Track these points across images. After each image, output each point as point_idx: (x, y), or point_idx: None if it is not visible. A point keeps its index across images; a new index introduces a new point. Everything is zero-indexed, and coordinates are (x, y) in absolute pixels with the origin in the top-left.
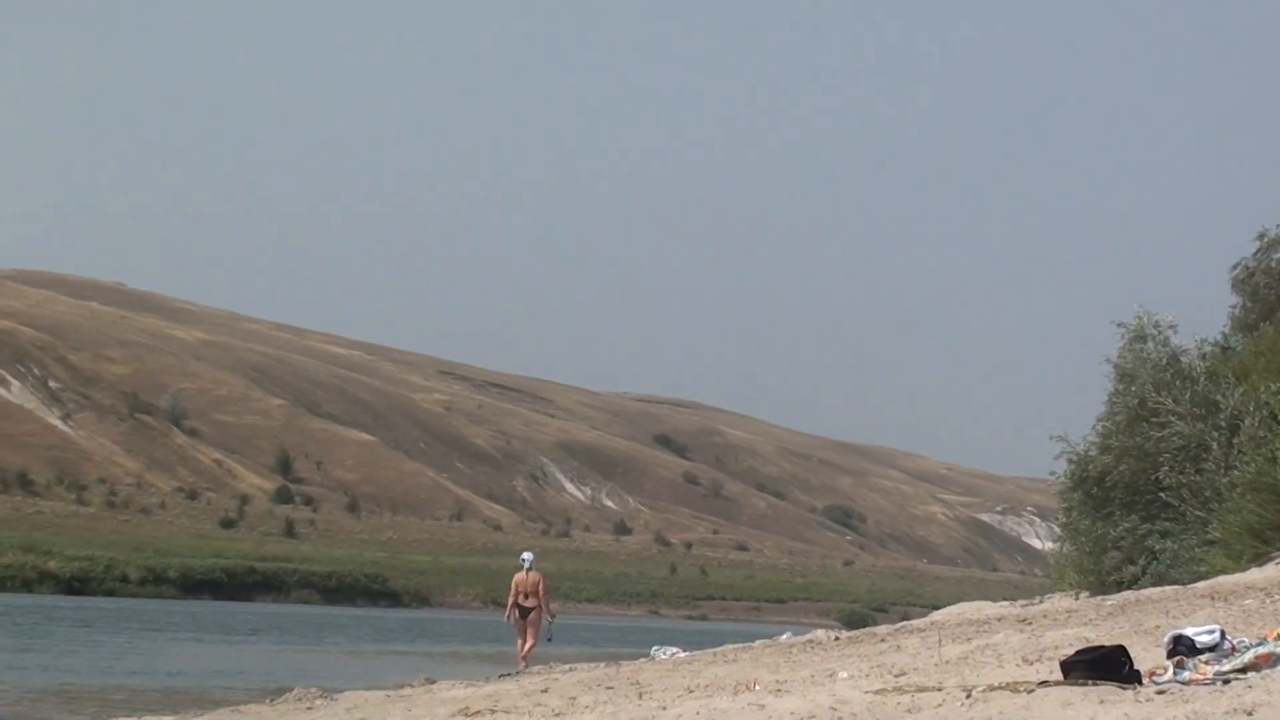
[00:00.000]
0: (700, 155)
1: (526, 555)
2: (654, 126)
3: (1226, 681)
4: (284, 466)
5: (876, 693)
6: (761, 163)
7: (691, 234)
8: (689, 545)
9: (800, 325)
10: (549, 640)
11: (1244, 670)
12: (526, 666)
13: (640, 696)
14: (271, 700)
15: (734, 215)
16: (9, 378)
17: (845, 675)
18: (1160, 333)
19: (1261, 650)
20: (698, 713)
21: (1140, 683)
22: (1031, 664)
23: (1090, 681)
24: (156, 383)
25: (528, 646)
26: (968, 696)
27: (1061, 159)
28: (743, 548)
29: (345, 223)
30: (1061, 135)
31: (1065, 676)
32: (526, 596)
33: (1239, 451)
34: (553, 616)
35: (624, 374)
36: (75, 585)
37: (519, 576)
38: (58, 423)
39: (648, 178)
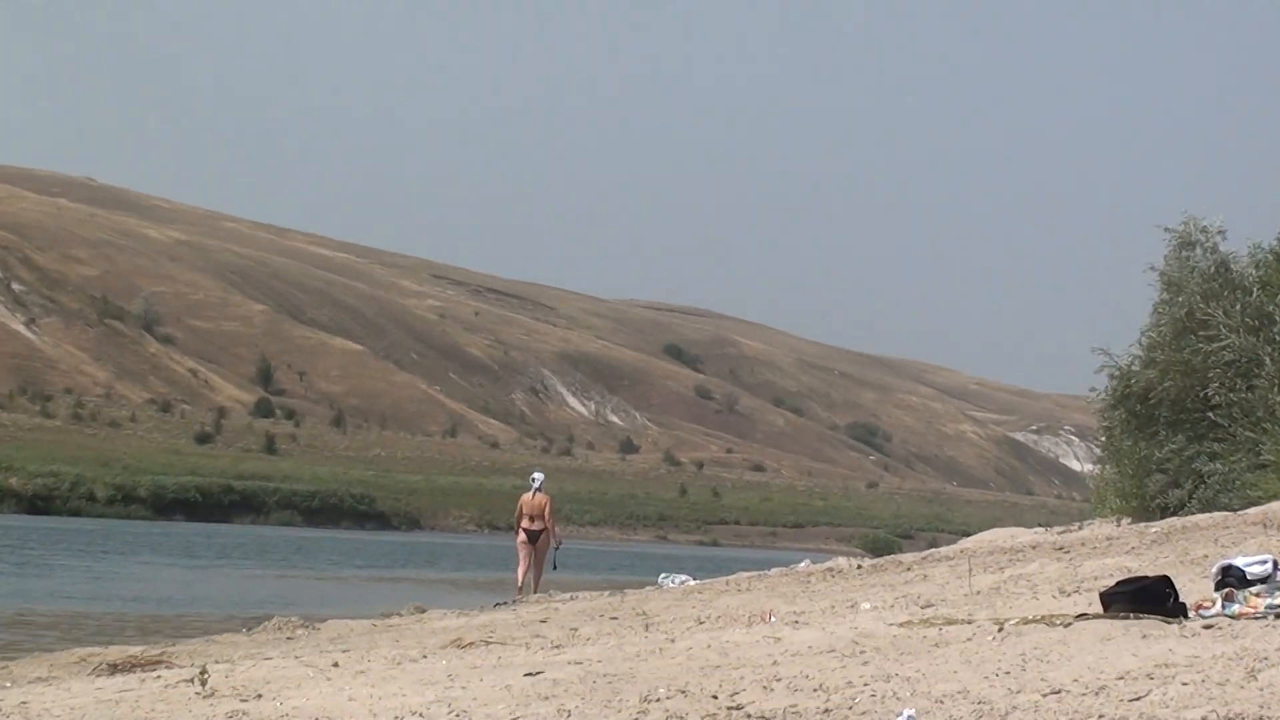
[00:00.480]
0: (715, 45)
1: (537, 475)
2: (663, 10)
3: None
4: (264, 377)
5: (901, 625)
6: (783, 52)
7: (706, 129)
8: (700, 465)
9: (821, 228)
10: (554, 569)
11: None
12: (522, 595)
13: (646, 628)
14: (249, 629)
15: (751, 108)
16: None
17: (868, 606)
18: (1209, 238)
19: None
20: (708, 645)
21: (1186, 616)
22: (1069, 596)
23: (1132, 615)
24: (128, 286)
25: (528, 573)
26: (999, 630)
27: (1106, 52)
28: (758, 468)
29: (333, 114)
30: (1103, 29)
31: (1105, 609)
32: (532, 520)
33: None
34: (558, 543)
35: (632, 280)
36: (38, 504)
37: (525, 497)
38: (21, 328)
39: (659, 67)
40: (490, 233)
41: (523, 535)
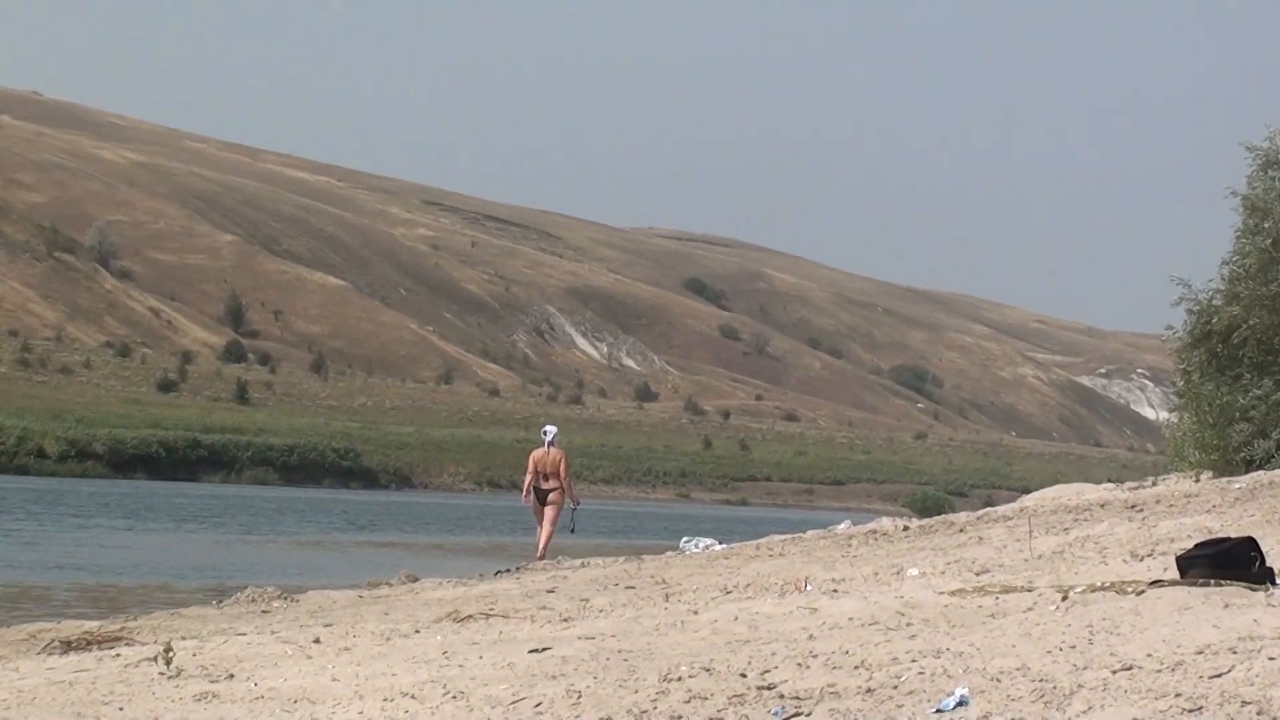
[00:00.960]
0: None
1: (549, 429)
2: None
3: None
4: (235, 317)
5: (953, 594)
6: None
7: (730, 37)
8: (726, 414)
9: (860, 147)
10: (571, 531)
11: None
12: (543, 560)
13: (666, 598)
14: (219, 601)
15: (783, 15)
16: None
17: (915, 573)
18: None
19: None
20: (736, 617)
21: (1273, 582)
22: (1141, 560)
23: (1212, 581)
24: (80, 214)
25: (544, 537)
26: (1064, 599)
27: None
28: (792, 417)
29: (310, 19)
30: None
31: (1182, 575)
32: (546, 478)
33: None
34: (576, 503)
35: (649, 206)
36: None
37: (537, 453)
38: None
39: None
40: (490, 154)
41: (535, 495)
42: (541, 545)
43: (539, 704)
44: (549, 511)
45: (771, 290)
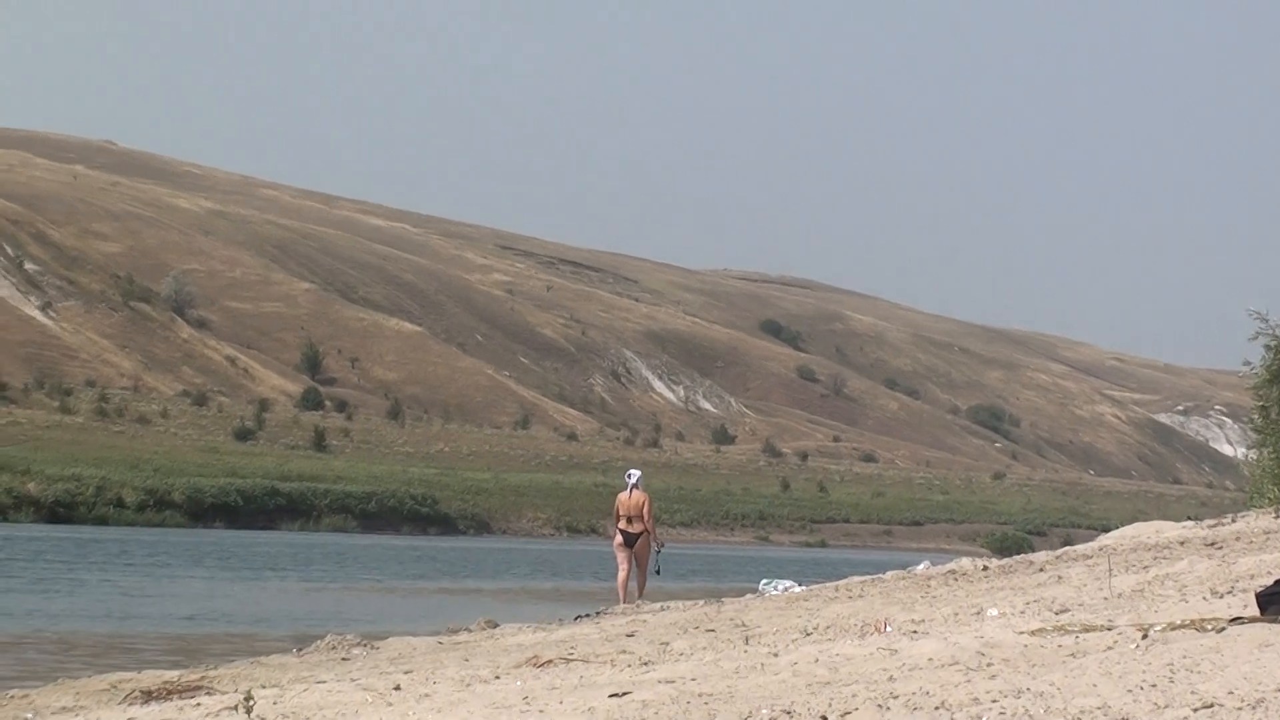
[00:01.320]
0: None
1: (633, 472)
2: None
3: None
4: (311, 365)
5: (1033, 633)
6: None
7: (808, 76)
8: (804, 456)
9: (936, 186)
10: (656, 573)
11: None
12: (626, 603)
13: (746, 641)
14: (299, 649)
15: (857, 56)
16: None
17: (995, 613)
18: None
19: None
20: (816, 659)
21: None
22: (1221, 597)
23: None
24: (156, 264)
25: (637, 583)
26: (1144, 637)
27: None
28: (870, 458)
29: (385, 67)
30: None
31: (1262, 612)
32: (630, 521)
33: None
34: (660, 545)
35: (725, 248)
36: (59, 512)
37: (622, 496)
38: (36, 314)
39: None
40: (564, 197)
41: (620, 538)
42: (639, 589)
43: None
44: (636, 557)
45: (848, 331)
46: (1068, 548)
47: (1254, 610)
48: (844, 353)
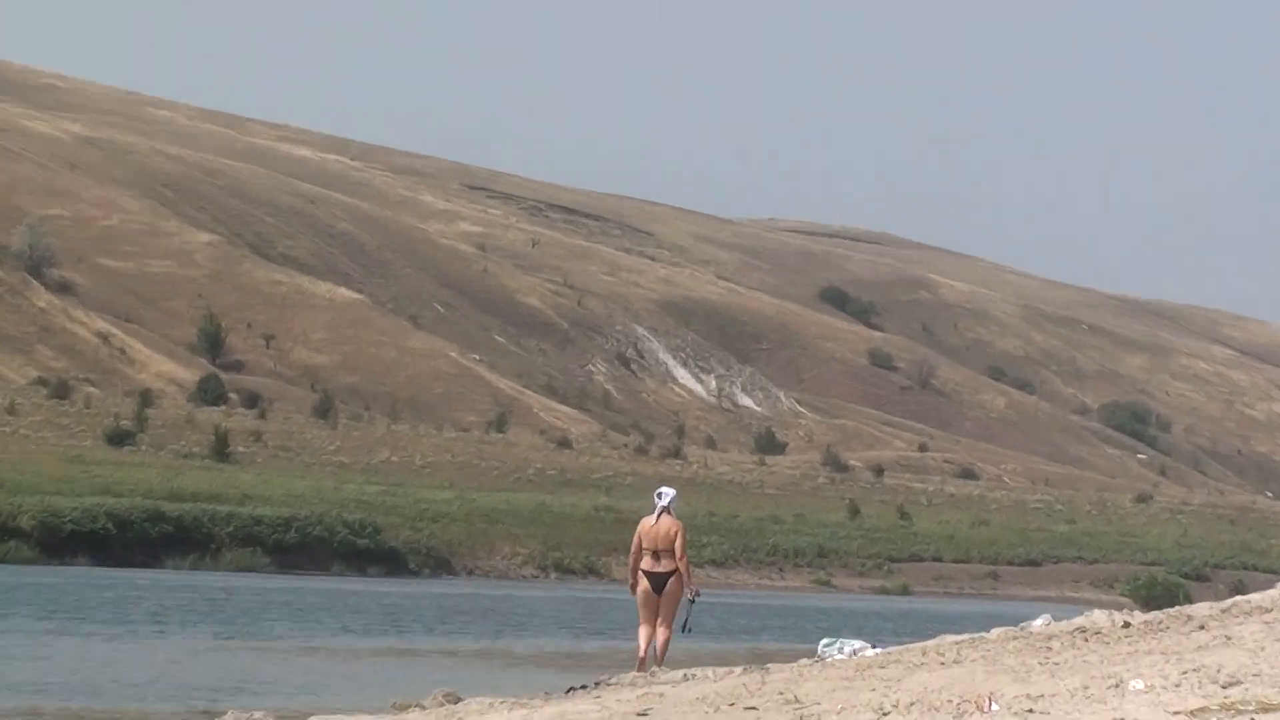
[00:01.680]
0: None
1: (665, 491)
2: None
3: None
4: (212, 344)
5: (1192, 714)
6: None
7: None
8: (879, 471)
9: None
10: (684, 631)
11: None
12: (646, 669)
13: None
14: None
15: None
16: None
17: (1140, 685)
18: None
19: None
20: None
21: None
22: None
23: None
24: (4, 208)
25: (659, 640)
26: None
27: None
28: (968, 474)
29: None
30: None
31: None
32: (657, 557)
33: None
34: (695, 594)
35: (771, 193)
36: None
37: (646, 523)
38: None
39: None
40: (555, 123)
41: (645, 582)
42: (660, 650)
43: None
44: (664, 607)
45: (937, 302)
46: (1238, 597)
47: None
48: (931, 331)
